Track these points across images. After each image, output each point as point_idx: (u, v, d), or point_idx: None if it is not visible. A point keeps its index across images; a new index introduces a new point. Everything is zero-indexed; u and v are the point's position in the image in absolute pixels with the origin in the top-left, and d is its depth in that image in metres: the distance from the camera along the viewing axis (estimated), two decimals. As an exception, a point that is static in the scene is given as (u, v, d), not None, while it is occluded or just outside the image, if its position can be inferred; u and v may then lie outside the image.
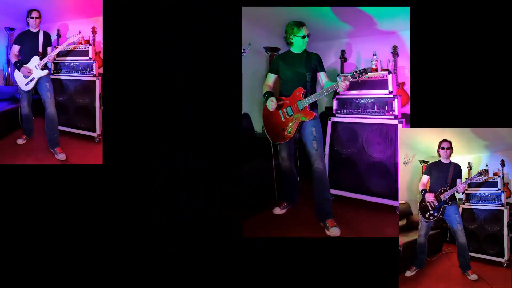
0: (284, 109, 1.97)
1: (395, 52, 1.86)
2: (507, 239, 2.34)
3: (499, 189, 2.38)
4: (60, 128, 2.46)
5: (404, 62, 1.72)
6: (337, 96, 2.00)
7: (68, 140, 2.46)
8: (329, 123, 2.05)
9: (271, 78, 2.00)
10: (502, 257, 2.34)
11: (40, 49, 2.36)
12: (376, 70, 1.87)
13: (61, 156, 2.29)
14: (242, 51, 1.71)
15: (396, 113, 1.90)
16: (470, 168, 2.49)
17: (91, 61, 2.42)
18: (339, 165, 2.07)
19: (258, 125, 2.13)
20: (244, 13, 1.62)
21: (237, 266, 1.61)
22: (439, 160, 2.42)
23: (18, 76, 2.37)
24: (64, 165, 2.27)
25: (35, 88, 2.39)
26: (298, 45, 1.93)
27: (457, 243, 2.39)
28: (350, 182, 2.16)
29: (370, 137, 1.99)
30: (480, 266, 2.35)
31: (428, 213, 2.39)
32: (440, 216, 2.38)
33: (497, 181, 2.39)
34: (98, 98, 2.38)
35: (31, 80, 2.34)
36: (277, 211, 2.05)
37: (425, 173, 2.45)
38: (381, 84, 1.87)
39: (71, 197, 2.15)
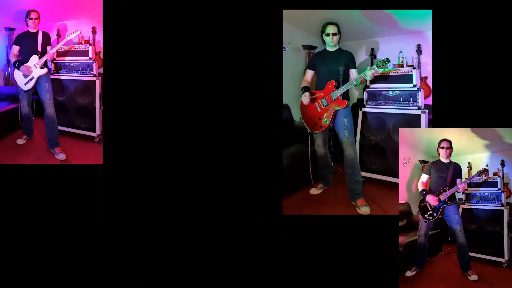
0: (320, 101, 2.17)
1: (419, 50, 2.03)
2: (507, 239, 2.34)
3: (499, 189, 2.39)
4: (60, 128, 2.46)
5: (426, 59, 1.93)
6: (367, 89, 2.22)
7: (68, 140, 2.46)
8: (360, 113, 2.27)
9: (309, 74, 2.21)
10: (502, 257, 2.34)
11: (39, 49, 2.37)
12: (402, 66, 2.08)
13: (61, 156, 2.29)
14: (283, 49, 1.89)
15: (420, 104, 2.07)
16: (470, 168, 2.49)
17: (91, 61, 2.42)
18: (368, 150, 2.29)
19: (296, 115, 2.30)
20: (285, 15, 1.84)
21: (276, 241, 1.81)
22: (439, 160, 2.42)
23: (18, 75, 2.37)
24: (64, 165, 2.27)
25: (34, 88, 2.39)
26: (328, 43, 2.15)
27: (457, 243, 2.39)
28: (378, 166, 2.37)
29: (396, 125, 2.18)
30: (480, 266, 2.35)
31: (428, 213, 2.39)
32: (440, 216, 2.38)
33: (497, 181, 2.39)
34: (98, 98, 2.38)
35: (31, 79, 2.34)
36: (313, 191, 2.26)
37: (425, 172, 2.45)
38: (406, 78, 2.08)
39: (71, 197, 2.15)
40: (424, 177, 2.46)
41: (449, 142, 2.39)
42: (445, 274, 2.35)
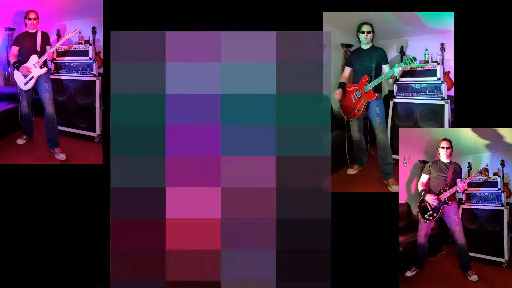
0: (354, 93, 2.47)
1: (442, 47, 2.27)
2: (507, 239, 2.34)
3: (499, 189, 2.38)
4: (60, 128, 2.46)
5: (449, 56, 2.20)
6: (397, 82, 2.48)
7: (68, 140, 2.46)
8: (391, 103, 2.52)
9: (347, 70, 2.48)
10: (502, 257, 2.34)
11: (38, 49, 2.37)
12: (428, 62, 2.36)
13: (61, 156, 2.29)
14: (323, 47, 2.06)
15: (443, 95, 2.32)
16: (470, 168, 2.49)
17: (91, 61, 2.42)
18: (398, 136, 2.45)
19: (335, 105, 2.57)
20: (325, 17, 2.16)
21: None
22: (439, 160, 2.42)
23: (18, 75, 2.37)
24: (64, 165, 2.27)
25: (34, 88, 2.39)
26: (362, 40, 2.42)
27: (456, 244, 2.39)
28: (407, 149, 2.67)
29: (423, 114, 2.44)
30: (480, 266, 2.35)
31: (428, 214, 2.39)
32: (440, 216, 2.38)
33: (497, 181, 2.39)
34: (98, 98, 2.38)
35: (30, 79, 2.34)
36: (350, 171, 2.49)
37: (425, 172, 2.46)
38: (432, 72, 2.37)
39: (71, 197, 2.15)
40: (424, 177, 2.46)
41: (449, 142, 2.39)
42: (445, 274, 2.35)
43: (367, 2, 2.14)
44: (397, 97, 2.53)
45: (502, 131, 2.19)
